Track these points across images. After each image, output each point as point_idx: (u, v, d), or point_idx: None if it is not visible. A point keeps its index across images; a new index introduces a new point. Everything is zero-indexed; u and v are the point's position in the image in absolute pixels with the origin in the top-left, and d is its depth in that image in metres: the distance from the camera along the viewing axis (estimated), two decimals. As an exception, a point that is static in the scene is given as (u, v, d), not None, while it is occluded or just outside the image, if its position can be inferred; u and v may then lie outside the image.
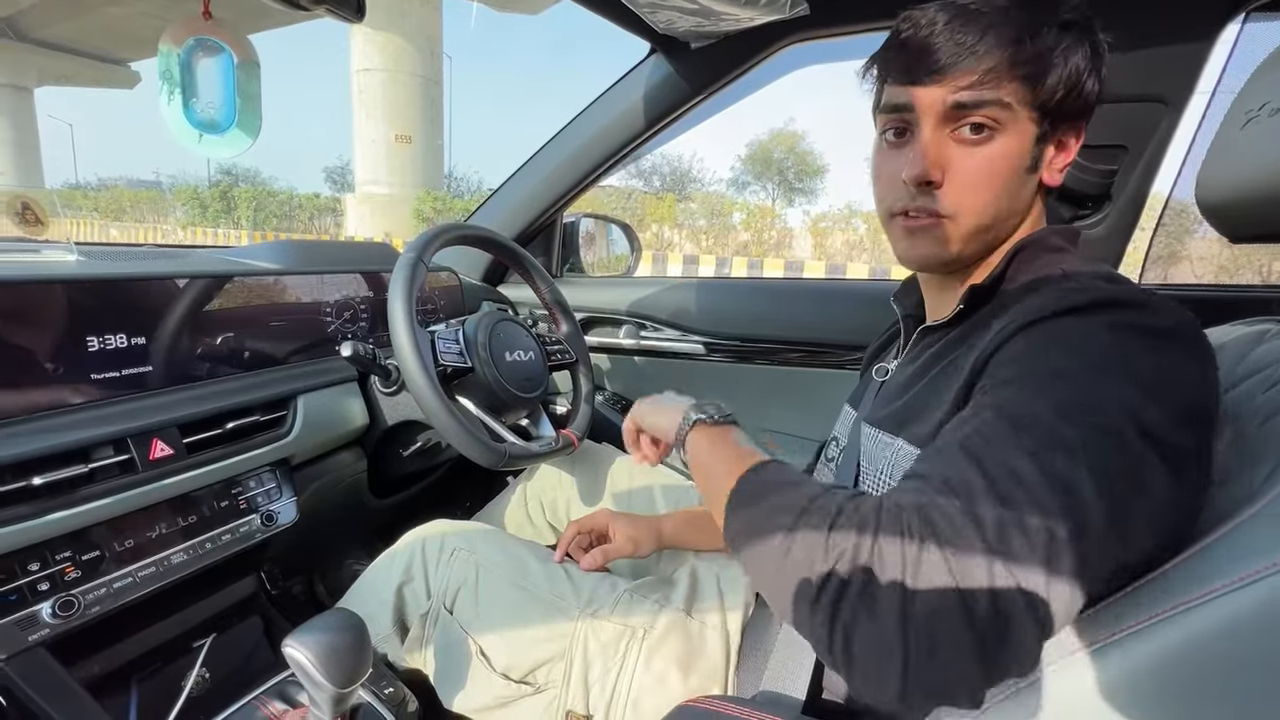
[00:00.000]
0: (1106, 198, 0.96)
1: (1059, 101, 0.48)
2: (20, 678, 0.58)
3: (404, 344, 0.79)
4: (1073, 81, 0.47)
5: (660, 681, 0.66)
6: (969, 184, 0.50)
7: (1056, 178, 0.52)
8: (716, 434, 0.55)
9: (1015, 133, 0.48)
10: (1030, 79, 0.47)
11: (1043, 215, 0.55)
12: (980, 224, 0.51)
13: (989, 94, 0.47)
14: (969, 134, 0.49)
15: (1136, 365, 0.38)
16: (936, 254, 0.53)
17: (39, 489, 0.60)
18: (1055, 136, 0.50)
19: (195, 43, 0.58)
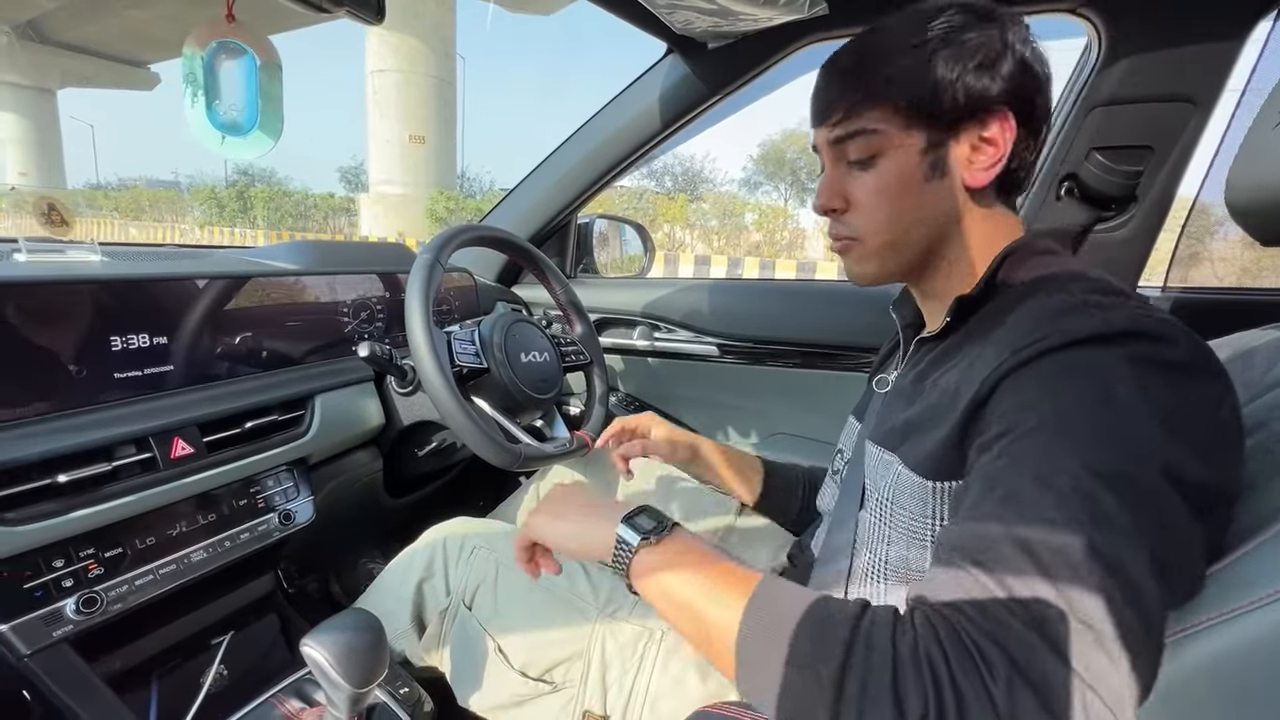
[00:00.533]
0: (1131, 199, 0.94)
1: (932, 110, 0.51)
2: (45, 673, 0.59)
3: (421, 345, 0.79)
4: (938, 88, 0.50)
5: (678, 684, 0.65)
6: (865, 207, 0.55)
7: (982, 177, 0.52)
8: (672, 552, 0.46)
9: (897, 152, 0.52)
10: (891, 100, 0.51)
11: (1004, 216, 0.55)
12: (887, 240, 0.55)
13: (855, 126, 0.53)
14: (856, 163, 0.54)
15: (1163, 405, 0.37)
16: (864, 272, 0.58)
17: (64, 486, 0.61)
18: (955, 139, 0.51)
19: (218, 45, 0.58)
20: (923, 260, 0.56)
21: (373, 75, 14.11)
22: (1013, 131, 0.51)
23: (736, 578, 0.42)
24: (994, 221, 0.54)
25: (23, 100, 21.31)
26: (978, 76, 0.50)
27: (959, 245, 0.55)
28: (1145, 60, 0.87)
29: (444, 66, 14.62)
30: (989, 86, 0.50)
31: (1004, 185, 0.54)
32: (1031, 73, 0.51)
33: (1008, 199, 0.56)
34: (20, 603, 0.58)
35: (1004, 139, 0.51)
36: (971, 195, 0.53)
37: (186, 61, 0.59)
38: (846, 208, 0.56)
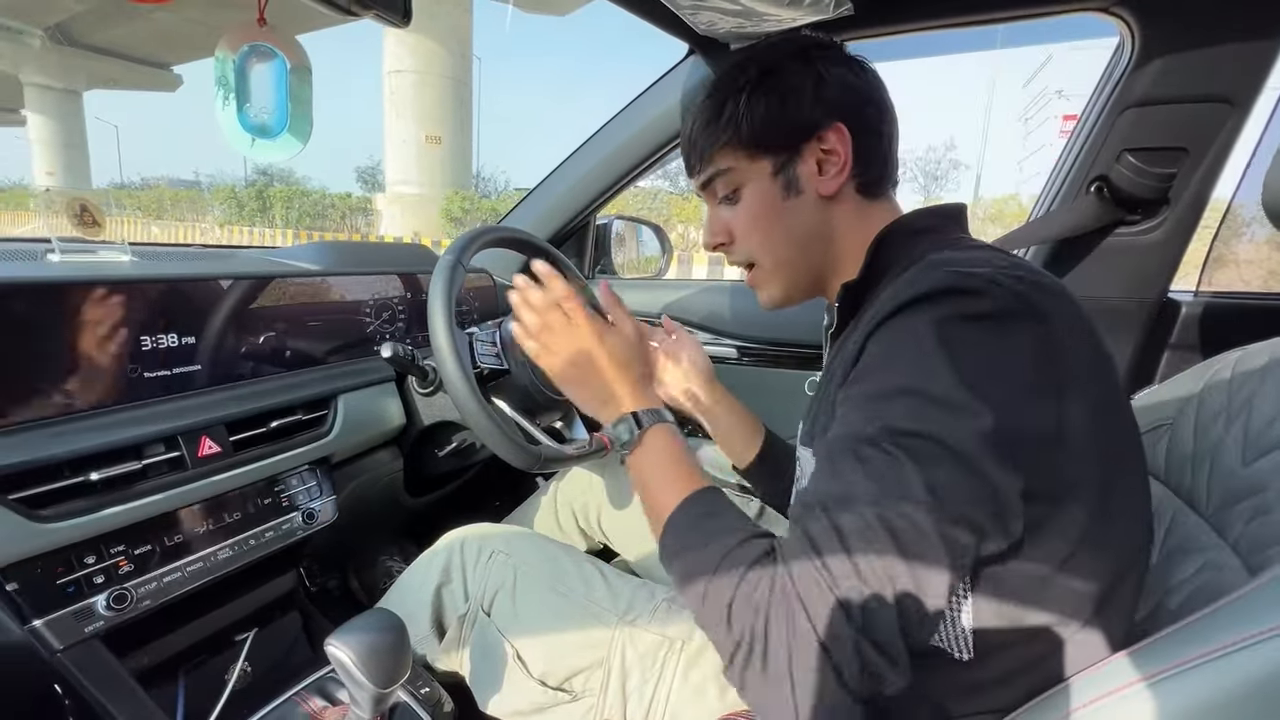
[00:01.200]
0: (1164, 202, 0.92)
1: (768, 140, 0.58)
2: (76, 668, 0.60)
3: (443, 346, 0.79)
4: (767, 122, 0.57)
5: (698, 694, 0.65)
6: (744, 236, 0.62)
7: (833, 184, 0.58)
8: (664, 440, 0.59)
9: (752, 182, 0.60)
10: (732, 141, 0.59)
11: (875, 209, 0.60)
12: (774, 261, 0.62)
13: (712, 169, 0.61)
14: (725, 201, 0.63)
15: (965, 357, 0.40)
16: (772, 296, 0.64)
17: (95, 484, 0.61)
18: (800, 158, 0.58)
19: (250, 49, 0.59)
20: (819, 273, 0.62)
21: (390, 76, 14.23)
22: (849, 140, 0.57)
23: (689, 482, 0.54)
24: (868, 218, 0.59)
25: (51, 102, 21.79)
26: (799, 106, 0.57)
27: (841, 247, 0.60)
28: (1180, 60, 0.85)
29: (460, 67, 14.71)
30: (813, 110, 0.57)
31: (866, 184, 0.59)
32: (853, 87, 0.58)
33: (877, 194, 0.60)
34: (53, 599, 0.58)
35: (844, 148, 0.57)
36: (833, 202, 0.59)
37: (219, 65, 0.59)
38: (731, 240, 0.63)
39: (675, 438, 0.60)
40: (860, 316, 0.55)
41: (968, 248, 0.51)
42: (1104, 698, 0.38)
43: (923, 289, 0.43)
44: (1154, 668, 0.37)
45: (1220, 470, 0.53)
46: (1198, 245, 0.98)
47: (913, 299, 0.43)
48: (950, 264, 0.45)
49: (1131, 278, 0.97)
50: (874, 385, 0.44)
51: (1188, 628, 0.38)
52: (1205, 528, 0.53)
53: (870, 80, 0.60)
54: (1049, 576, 0.43)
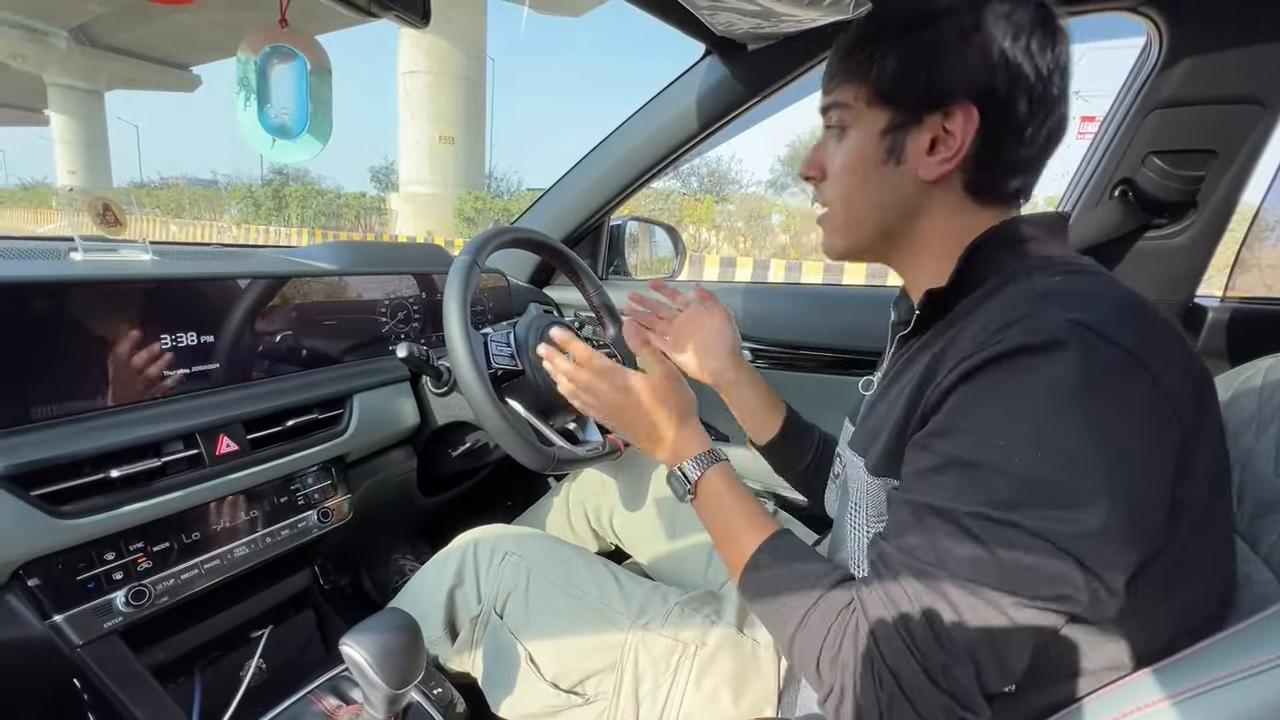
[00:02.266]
0: (1191, 205, 0.90)
1: (894, 92, 0.51)
2: (95, 663, 0.60)
3: (458, 347, 0.80)
4: (902, 71, 0.50)
5: (712, 701, 0.64)
6: (832, 178, 0.56)
7: (934, 170, 0.50)
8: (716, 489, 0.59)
9: (860, 128, 0.53)
10: (861, 77, 0.52)
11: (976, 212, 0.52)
12: (847, 216, 0.56)
13: (833, 97, 0.55)
14: (833, 134, 0.56)
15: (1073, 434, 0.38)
16: (832, 245, 0.59)
17: (116, 481, 0.62)
18: (917, 127, 0.50)
19: (271, 50, 0.59)
20: (885, 245, 0.57)
21: (404, 77, 14.34)
22: (974, 128, 0.48)
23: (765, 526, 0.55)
24: (967, 219, 0.52)
25: (74, 102, 22.17)
26: (945, 65, 0.49)
27: (921, 237, 0.54)
28: (1209, 60, 0.84)
29: (474, 68, 14.80)
30: (955, 77, 0.48)
31: (977, 184, 0.51)
32: (1012, 68, 0.48)
33: (989, 198, 0.52)
34: (74, 594, 0.59)
35: (963, 134, 0.49)
36: (932, 187, 0.52)
37: (240, 66, 0.60)
38: (822, 177, 0.57)
39: (725, 480, 0.59)
40: (946, 328, 0.50)
41: (1075, 271, 0.46)
42: (1125, 716, 0.38)
43: (1032, 339, 0.39)
44: (1177, 687, 0.36)
45: (1251, 480, 0.51)
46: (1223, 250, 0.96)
47: (1020, 349, 0.40)
48: (1064, 301, 0.41)
49: (1156, 282, 0.95)
50: (975, 452, 0.40)
51: (1212, 647, 0.37)
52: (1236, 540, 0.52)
53: (1043, 67, 0.48)
54: (1111, 630, 0.41)
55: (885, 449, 0.49)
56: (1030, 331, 0.40)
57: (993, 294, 0.47)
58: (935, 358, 0.46)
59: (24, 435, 0.58)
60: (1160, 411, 0.39)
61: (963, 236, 0.51)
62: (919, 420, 0.45)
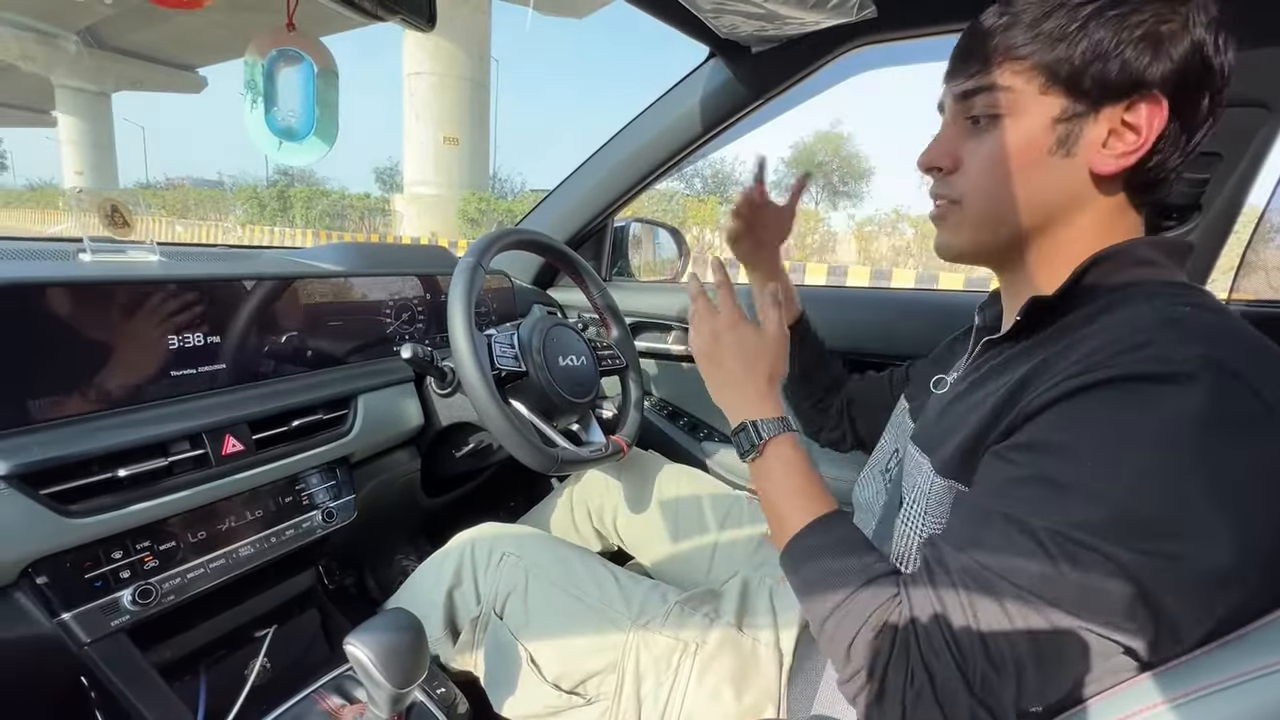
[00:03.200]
0: (1196, 208, 0.90)
1: (1078, 77, 0.46)
2: (103, 661, 0.61)
3: (462, 347, 0.80)
4: (1091, 54, 0.45)
5: (714, 699, 0.64)
6: (975, 169, 0.51)
7: (1111, 164, 0.46)
8: (786, 454, 0.57)
9: (1024, 115, 0.48)
10: (1033, 57, 0.47)
11: (1125, 216, 0.49)
12: (985, 212, 0.51)
13: (987, 80, 0.49)
14: (977, 121, 0.50)
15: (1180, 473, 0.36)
16: (952, 244, 0.54)
17: (123, 480, 0.62)
18: (1095, 116, 0.46)
19: (278, 53, 0.60)
20: (1018, 245, 0.52)
21: (409, 78, 14.40)
22: (1163, 122, 0.44)
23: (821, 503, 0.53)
24: (1113, 220, 0.49)
25: (81, 103, 22.33)
26: (1139, 51, 0.44)
27: (1063, 236, 0.50)
28: (1214, 63, 0.83)
29: (478, 69, 14.85)
30: (1149, 65, 0.44)
31: (1137, 182, 0.48)
32: (1207, 64, 0.44)
33: (1138, 199, 0.49)
34: (81, 593, 0.60)
35: (1150, 128, 0.45)
36: (1096, 184, 0.48)
37: (248, 68, 0.60)
38: (954, 168, 0.52)
39: (796, 450, 0.57)
40: (1050, 340, 0.47)
41: (1202, 305, 0.43)
42: (1129, 718, 0.38)
43: (1158, 368, 0.37)
44: (1181, 689, 0.36)
45: None
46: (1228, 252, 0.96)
47: (1144, 375, 0.37)
48: (1197, 334, 0.39)
49: None
50: (1068, 471, 0.38)
51: (1218, 650, 0.37)
52: None
53: (1227, 65, 0.45)
54: None
55: (959, 451, 0.47)
56: (1158, 360, 0.37)
57: (1108, 311, 0.44)
58: (1035, 369, 0.44)
59: (33, 434, 0.59)
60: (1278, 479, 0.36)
61: (1109, 238, 0.48)
62: (1004, 430, 0.43)
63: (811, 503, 0.53)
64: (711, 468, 1.26)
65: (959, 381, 0.57)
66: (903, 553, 0.54)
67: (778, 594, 0.73)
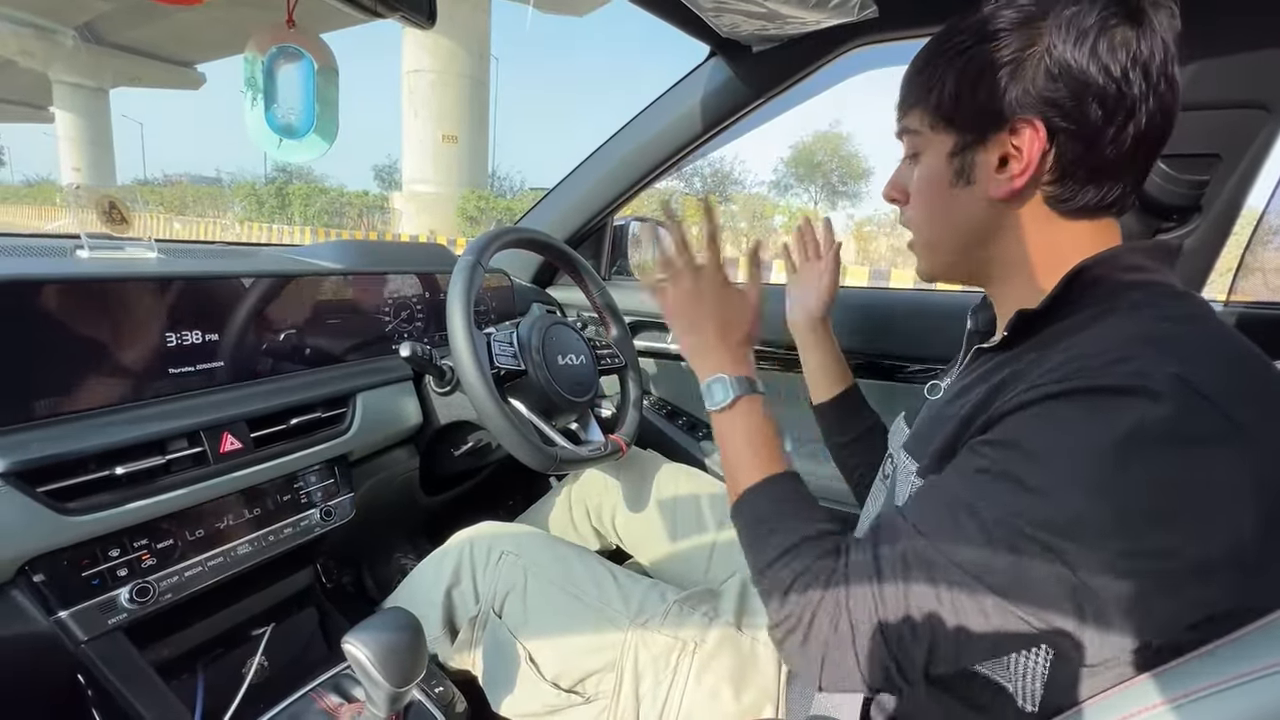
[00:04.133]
0: (1195, 209, 0.90)
1: (953, 114, 0.50)
2: (100, 659, 0.60)
3: (461, 346, 0.80)
4: (959, 93, 0.49)
5: (712, 698, 0.64)
6: (914, 203, 0.57)
7: (1003, 188, 0.49)
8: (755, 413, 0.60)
9: (929, 152, 0.53)
10: (922, 100, 0.52)
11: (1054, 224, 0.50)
12: (927, 239, 0.57)
13: (903, 123, 0.55)
14: (910, 158, 0.56)
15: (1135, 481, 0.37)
16: (920, 269, 0.59)
17: (121, 478, 0.62)
18: (983, 147, 0.50)
19: (278, 50, 0.59)
20: (970, 265, 0.55)
21: (408, 75, 14.37)
22: (1042, 143, 0.47)
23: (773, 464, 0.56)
24: (1054, 235, 0.50)
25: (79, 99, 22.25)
26: (1001, 83, 0.47)
27: (1005, 255, 0.52)
28: (1215, 65, 0.83)
29: (478, 67, 14.82)
30: (1014, 94, 0.47)
31: (1060, 198, 0.49)
32: (1075, 76, 0.45)
33: (1078, 213, 0.50)
34: (79, 591, 0.59)
35: (1030, 151, 0.47)
36: (1006, 206, 0.50)
37: (247, 65, 0.60)
38: (905, 200, 0.58)
39: (764, 411, 0.60)
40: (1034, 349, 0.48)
41: (1185, 318, 0.44)
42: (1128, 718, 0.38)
43: (1126, 382, 0.38)
44: (1179, 690, 0.36)
45: None
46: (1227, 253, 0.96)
47: (1111, 389, 0.38)
48: (1171, 350, 0.39)
49: None
50: (1029, 473, 0.39)
51: (1215, 651, 0.37)
52: None
53: (1121, 66, 0.45)
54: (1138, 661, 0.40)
55: (938, 451, 0.49)
56: (1131, 375, 0.38)
57: (1092, 322, 0.45)
58: (1014, 373, 0.45)
59: (31, 432, 0.59)
60: (1239, 499, 0.36)
61: (1057, 253, 0.50)
62: (980, 426, 0.45)
63: (768, 463, 0.56)
64: (710, 467, 1.26)
65: (951, 387, 0.58)
66: None
67: (776, 594, 0.73)
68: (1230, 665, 0.36)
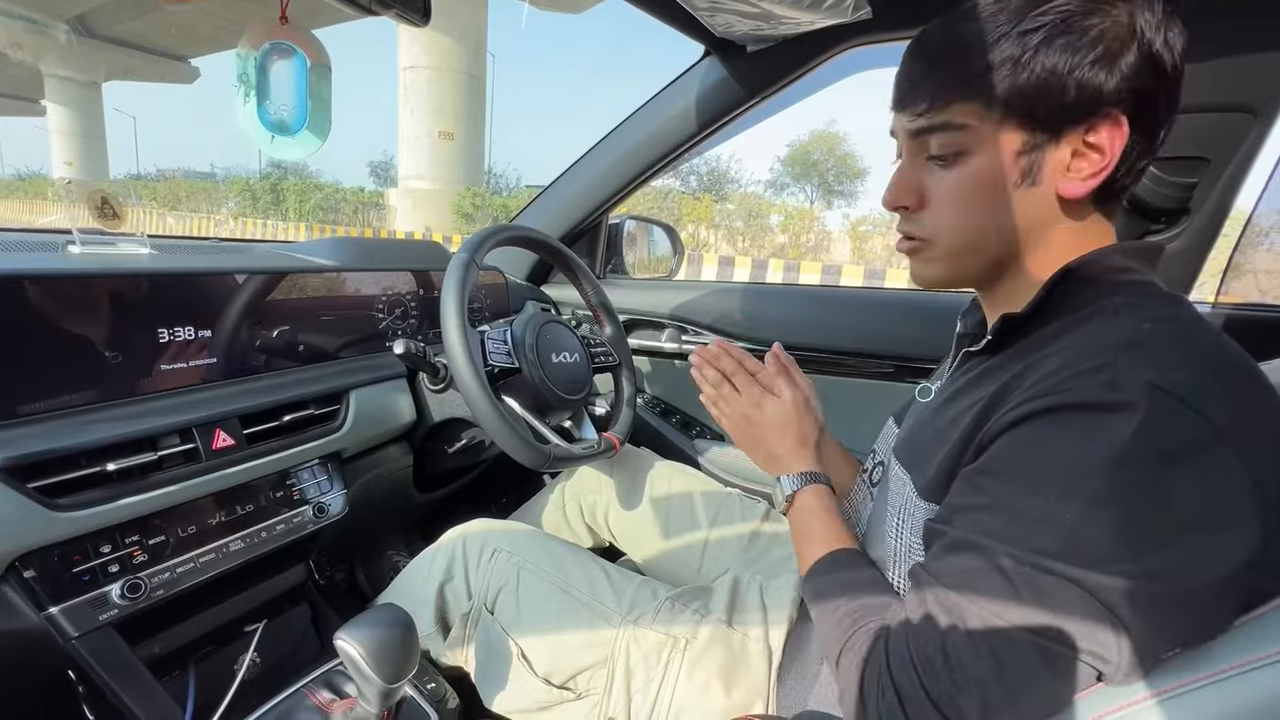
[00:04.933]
0: (1184, 212, 0.91)
1: (1034, 108, 0.45)
2: (90, 655, 0.60)
3: (455, 343, 0.80)
4: (1044, 84, 0.44)
5: (703, 693, 0.65)
6: (942, 208, 0.50)
7: (1079, 187, 0.46)
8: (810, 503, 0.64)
9: (985, 151, 0.47)
10: (986, 94, 0.45)
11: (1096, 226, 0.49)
12: (958, 246, 0.51)
13: (941, 118, 0.48)
14: (937, 159, 0.49)
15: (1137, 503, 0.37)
16: (929, 276, 0.54)
17: (112, 474, 0.62)
18: (1056, 143, 0.45)
19: (271, 46, 0.59)
20: (995, 270, 0.52)
21: (404, 72, 14.30)
22: (1124, 138, 0.44)
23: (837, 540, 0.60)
24: (1086, 232, 0.49)
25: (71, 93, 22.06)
26: (1093, 71, 0.43)
27: (1037, 258, 0.50)
28: (1203, 69, 0.84)
29: (474, 64, 14.76)
30: (1104, 84, 0.43)
31: (1104, 194, 0.47)
32: (1159, 67, 0.43)
33: (1105, 208, 0.49)
34: (69, 587, 0.59)
35: (1113, 146, 0.44)
36: (1064, 206, 0.47)
37: (240, 61, 0.60)
38: (921, 206, 0.51)
39: (822, 497, 0.64)
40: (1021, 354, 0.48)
41: (1168, 317, 0.43)
42: (1108, 714, 0.38)
43: (1106, 396, 0.38)
44: (1161, 686, 0.37)
45: None
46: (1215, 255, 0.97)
47: (1091, 404, 0.38)
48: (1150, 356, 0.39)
49: None
50: (1024, 499, 0.39)
51: (1202, 646, 0.38)
52: None
53: (1180, 61, 0.44)
54: None
55: (938, 475, 0.48)
56: (1107, 387, 0.38)
57: (1076, 326, 0.45)
58: (1005, 386, 0.45)
59: (21, 428, 0.59)
60: (1238, 500, 0.36)
61: (1057, 249, 0.48)
62: (974, 451, 0.45)
63: (825, 542, 0.60)
64: (703, 465, 1.26)
65: (940, 392, 0.58)
66: (896, 553, 0.55)
67: (768, 591, 0.74)
68: (1220, 658, 0.36)
